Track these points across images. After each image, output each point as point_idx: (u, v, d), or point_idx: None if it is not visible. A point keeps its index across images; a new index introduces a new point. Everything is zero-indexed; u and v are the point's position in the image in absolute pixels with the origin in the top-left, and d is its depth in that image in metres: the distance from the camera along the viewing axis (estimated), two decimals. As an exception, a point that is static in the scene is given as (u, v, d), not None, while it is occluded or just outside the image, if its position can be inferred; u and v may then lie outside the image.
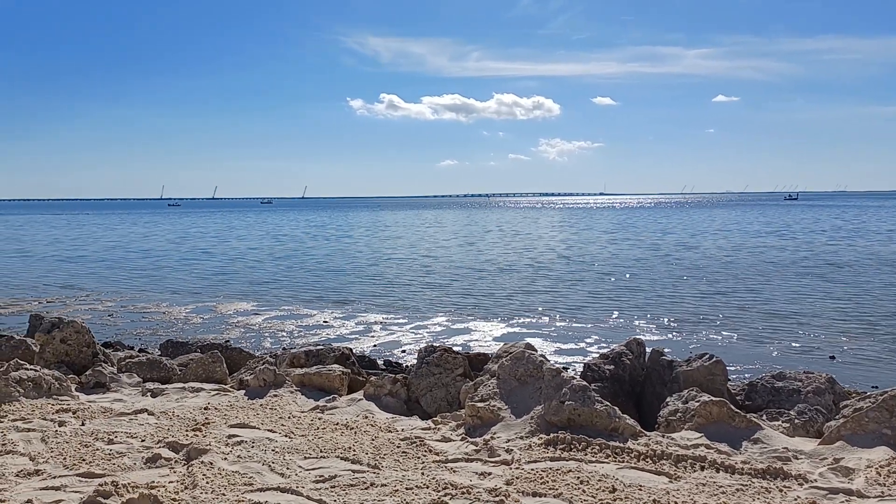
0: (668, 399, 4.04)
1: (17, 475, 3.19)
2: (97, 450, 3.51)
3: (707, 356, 4.46)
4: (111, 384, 4.85)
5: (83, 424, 3.94)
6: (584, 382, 3.76)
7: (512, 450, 3.43)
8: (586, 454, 3.37)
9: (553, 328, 11.53)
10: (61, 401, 4.38)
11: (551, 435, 3.52)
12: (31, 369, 4.45)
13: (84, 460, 3.38)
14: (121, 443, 3.64)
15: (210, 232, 46.60)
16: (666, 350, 4.98)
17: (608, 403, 3.69)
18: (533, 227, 49.10)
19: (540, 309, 13.31)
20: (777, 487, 3.03)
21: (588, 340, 10.59)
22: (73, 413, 4.16)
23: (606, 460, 3.31)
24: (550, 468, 3.19)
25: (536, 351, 4.23)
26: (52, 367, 4.86)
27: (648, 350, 4.94)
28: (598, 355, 5.11)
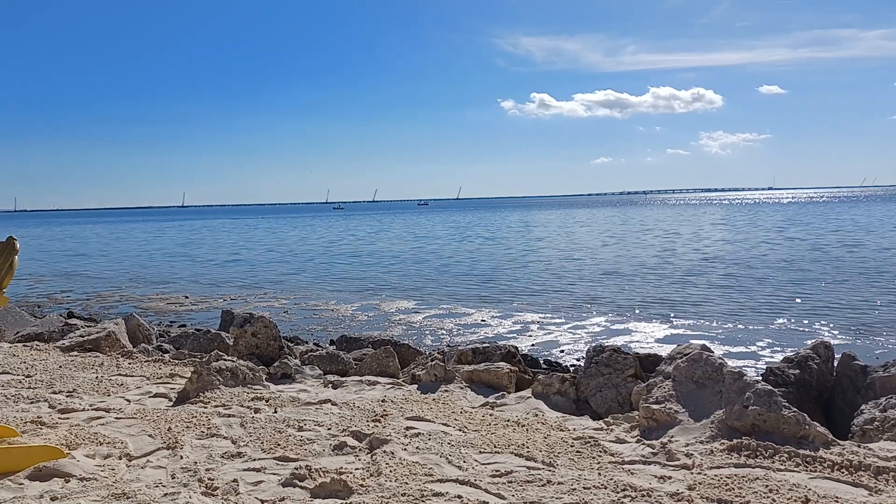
0: (862, 407, 3.75)
1: (223, 456, 3.51)
2: (289, 436, 3.79)
3: (908, 362, 4.09)
4: (296, 375, 5.20)
5: (275, 412, 4.26)
6: (770, 387, 3.57)
7: (692, 454, 3.32)
8: (773, 462, 3.20)
9: (720, 330, 11.03)
10: (255, 390, 4.75)
11: (734, 440, 3.37)
12: (228, 360, 4.87)
13: (279, 445, 3.66)
14: (309, 430, 3.90)
15: (369, 233, 48.61)
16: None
17: (796, 409, 3.48)
18: (692, 224, 47.03)
19: (703, 310, 12.77)
20: None
21: (759, 344, 10.06)
22: (266, 401, 4.50)
23: (796, 469, 3.12)
24: (735, 475, 3.06)
25: (713, 352, 4.07)
26: (244, 359, 5.29)
27: (837, 355, 4.61)
28: (779, 359, 4.83)
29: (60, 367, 5.61)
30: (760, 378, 4.18)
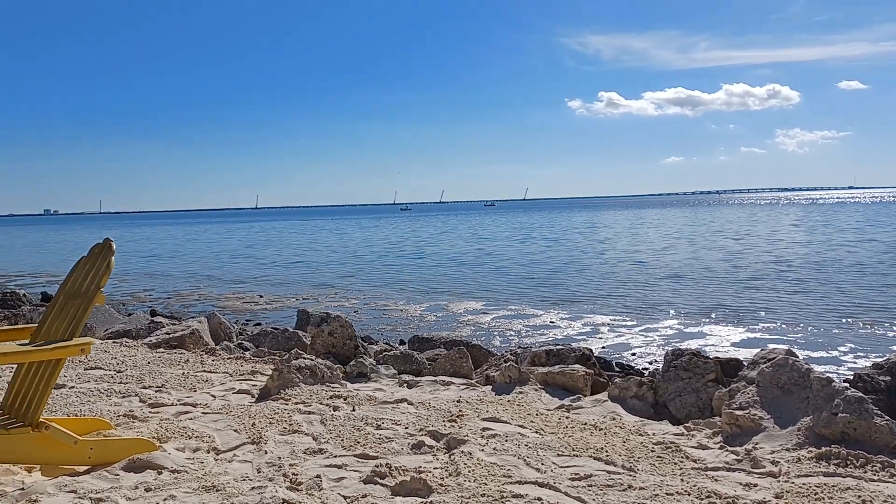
0: (961, 417, 3.58)
1: (305, 452, 3.60)
2: (368, 434, 3.86)
3: None
4: (371, 374, 5.29)
5: (353, 410, 4.34)
6: (860, 394, 3.45)
7: (778, 462, 3.23)
8: (865, 471, 3.08)
9: (798, 335, 10.68)
10: (332, 388, 4.86)
11: (822, 448, 3.26)
12: (307, 358, 4.98)
13: (358, 443, 3.73)
14: (387, 429, 3.96)
15: (432, 234, 48.86)
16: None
17: (889, 418, 3.35)
18: (767, 225, 45.56)
19: (779, 314, 12.38)
20: None
21: (841, 349, 9.70)
22: (344, 399, 4.59)
23: (891, 480, 3.00)
24: (825, 484, 2.96)
25: (799, 358, 3.95)
26: (321, 357, 5.41)
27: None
28: (863, 365, 4.66)
29: (149, 363, 5.86)
30: (848, 385, 4.04)
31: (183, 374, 5.42)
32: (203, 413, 4.34)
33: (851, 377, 5.21)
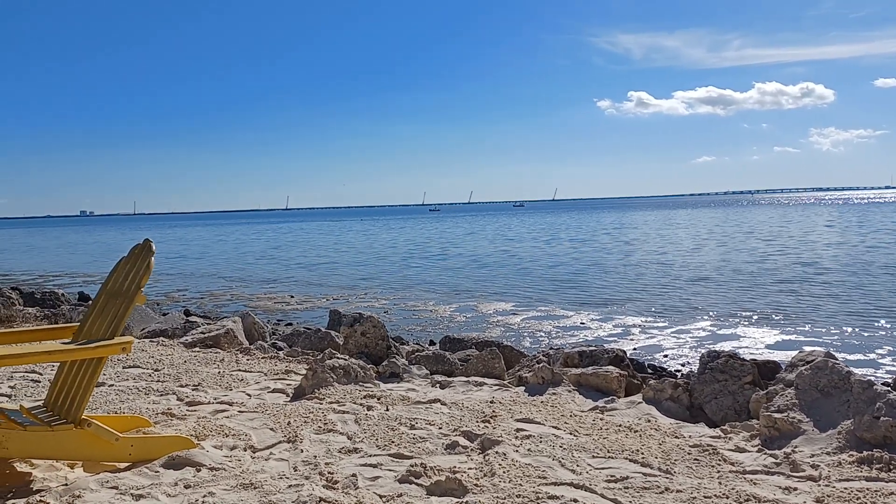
0: None
1: (340, 451, 3.64)
2: (402, 434, 3.88)
3: None
4: (403, 375, 5.31)
5: (387, 410, 4.37)
6: (903, 397, 3.39)
7: (818, 465, 3.18)
8: (909, 477, 3.03)
9: (834, 337, 10.49)
10: (366, 387, 4.89)
11: (864, 452, 3.21)
12: (341, 358, 5.03)
13: (393, 442, 3.75)
14: (421, 429, 3.98)
15: (458, 234, 48.85)
16: None
17: (933, 423, 3.28)
18: (801, 225, 44.82)
19: (814, 316, 12.17)
20: None
21: (879, 351, 9.52)
22: (378, 399, 4.62)
23: (936, 486, 2.95)
24: (867, 488, 2.92)
25: (838, 360, 3.89)
26: (354, 357, 5.45)
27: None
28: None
29: (185, 361, 5.95)
30: (889, 388, 3.97)
31: (219, 372, 5.50)
32: (239, 412, 4.40)
33: (891, 380, 5.11)
